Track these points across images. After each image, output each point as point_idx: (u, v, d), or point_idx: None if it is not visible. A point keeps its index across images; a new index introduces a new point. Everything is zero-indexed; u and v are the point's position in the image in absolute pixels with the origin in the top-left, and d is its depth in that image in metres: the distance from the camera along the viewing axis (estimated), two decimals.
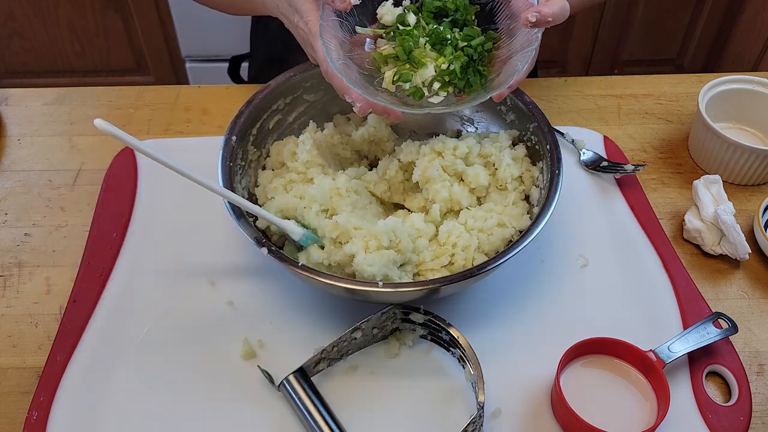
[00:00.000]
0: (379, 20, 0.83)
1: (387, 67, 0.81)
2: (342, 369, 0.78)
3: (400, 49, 0.80)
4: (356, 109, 0.78)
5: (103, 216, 0.92)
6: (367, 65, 0.82)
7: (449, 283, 0.73)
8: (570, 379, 0.74)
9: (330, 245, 0.78)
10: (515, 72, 0.76)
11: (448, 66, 0.79)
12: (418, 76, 0.80)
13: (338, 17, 0.80)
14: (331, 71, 0.78)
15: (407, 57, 0.80)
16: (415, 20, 0.82)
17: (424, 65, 0.80)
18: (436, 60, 0.80)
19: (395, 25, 0.82)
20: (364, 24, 0.84)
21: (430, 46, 0.80)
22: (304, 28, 0.81)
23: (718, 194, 0.91)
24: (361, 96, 0.77)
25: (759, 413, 0.76)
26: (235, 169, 0.84)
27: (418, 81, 0.80)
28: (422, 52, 0.80)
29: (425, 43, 0.80)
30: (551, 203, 0.79)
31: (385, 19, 0.83)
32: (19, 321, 0.83)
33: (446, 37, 0.80)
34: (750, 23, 2.00)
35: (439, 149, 0.88)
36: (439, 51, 0.80)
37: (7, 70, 2.18)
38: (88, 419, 0.73)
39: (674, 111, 1.11)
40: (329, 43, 0.77)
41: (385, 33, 0.82)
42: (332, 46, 0.78)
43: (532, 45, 0.76)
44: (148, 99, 1.11)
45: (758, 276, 0.89)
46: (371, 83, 0.80)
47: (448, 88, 0.80)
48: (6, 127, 1.06)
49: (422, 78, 0.80)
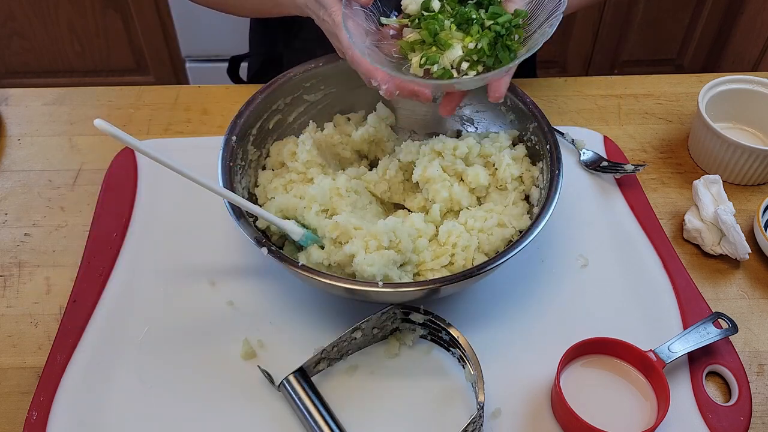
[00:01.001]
0: (403, 10, 0.83)
1: (413, 54, 0.80)
2: (342, 369, 0.78)
3: (426, 32, 0.79)
4: (383, 92, 0.77)
5: (103, 216, 0.92)
6: (395, 54, 0.81)
7: (449, 283, 0.73)
8: (570, 379, 0.74)
9: (330, 245, 0.78)
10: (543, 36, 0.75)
11: (476, 45, 0.78)
12: (446, 58, 0.78)
13: (363, 8, 0.81)
14: (356, 56, 0.78)
15: (433, 40, 0.79)
16: (440, 6, 0.81)
17: (450, 46, 0.78)
18: (463, 40, 0.79)
19: (420, 13, 0.81)
20: (389, 16, 0.84)
21: (456, 27, 0.79)
22: (329, 20, 0.82)
23: (718, 194, 0.91)
24: (387, 76, 0.76)
25: (759, 413, 0.76)
26: (235, 169, 0.84)
27: (446, 62, 0.78)
28: (448, 34, 0.79)
29: (450, 24, 0.80)
30: (551, 203, 0.79)
31: (410, 9, 0.82)
32: (19, 321, 0.83)
33: (471, 17, 0.79)
34: (750, 23, 2.00)
35: (439, 149, 0.88)
36: (465, 31, 0.79)
37: (7, 70, 2.18)
38: (88, 419, 0.73)
39: (674, 111, 1.11)
40: (354, 30, 0.78)
41: (410, 21, 0.82)
42: (356, 32, 0.78)
43: (560, 9, 0.76)
44: (148, 99, 1.11)
45: (758, 276, 0.89)
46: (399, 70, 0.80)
47: (477, 66, 0.79)
48: (6, 127, 1.06)
49: (450, 59, 0.78)
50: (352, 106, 0.97)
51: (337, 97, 0.96)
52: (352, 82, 0.95)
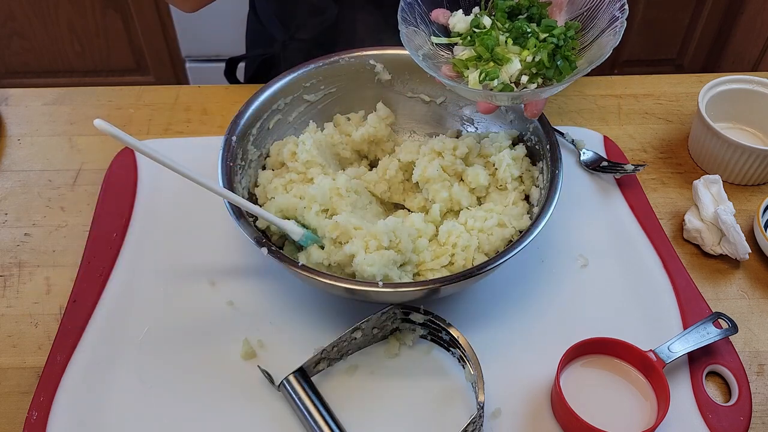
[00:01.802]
0: (451, 30, 0.83)
1: (469, 71, 0.80)
2: (342, 369, 0.78)
3: (482, 48, 0.79)
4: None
5: (103, 216, 0.92)
6: (447, 74, 0.81)
7: (449, 283, 0.73)
8: (570, 379, 0.74)
9: (330, 245, 0.78)
10: (608, 44, 0.75)
11: (533, 58, 0.78)
12: (505, 72, 0.78)
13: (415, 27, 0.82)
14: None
15: (490, 55, 0.79)
16: (490, 22, 0.81)
17: (509, 60, 0.78)
18: (520, 54, 0.79)
19: (470, 30, 0.81)
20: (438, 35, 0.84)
21: (512, 41, 0.79)
22: None
23: (718, 194, 0.91)
24: None
25: (759, 413, 0.76)
26: (235, 169, 0.84)
27: (505, 77, 0.78)
28: (504, 49, 0.79)
29: (506, 39, 0.79)
30: (551, 203, 0.79)
31: (458, 27, 0.82)
32: (19, 321, 0.83)
33: (526, 30, 0.79)
34: (750, 23, 2.00)
35: (439, 149, 0.88)
36: (521, 45, 0.79)
37: (7, 70, 2.18)
38: (88, 419, 0.73)
39: (674, 111, 1.11)
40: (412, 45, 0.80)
41: (461, 39, 0.82)
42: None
43: (623, 16, 0.75)
44: (148, 99, 1.11)
45: (758, 276, 0.89)
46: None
47: (537, 79, 0.78)
48: (6, 127, 1.06)
49: (509, 74, 0.78)
50: (352, 106, 0.97)
51: (337, 97, 0.96)
52: (352, 82, 0.95)
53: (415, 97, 0.98)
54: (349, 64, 0.94)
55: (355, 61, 0.94)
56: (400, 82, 0.96)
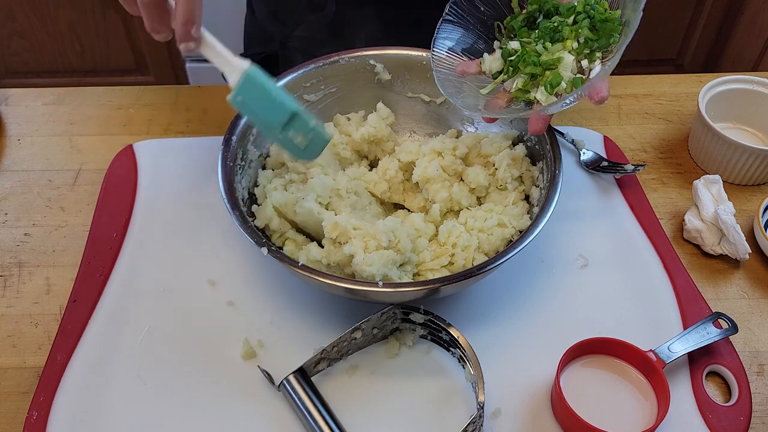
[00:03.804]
0: (487, 74, 0.83)
1: (533, 92, 0.79)
2: (342, 369, 0.78)
3: (531, 66, 0.78)
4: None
5: (103, 216, 0.92)
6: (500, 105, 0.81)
7: (449, 283, 0.73)
8: (570, 379, 0.74)
9: (329, 245, 0.78)
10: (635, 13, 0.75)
11: (578, 41, 0.78)
12: (563, 71, 0.78)
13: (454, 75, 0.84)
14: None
15: (542, 68, 0.78)
16: (518, 43, 0.81)
17: (560, 59, 0.78)
18: (564, 46, 0.78)
19: (506, 61, 0.81)
20: None
21: (550, 43, 0.79)
22: None
23: (718, 194, 0.91)
24: None
25: (759, 413, 0.76)
26: (235, 169, 0.84)
27: (568, 74, 0.78)
28: (548, 54, 0.79)
29: (543, 45, 0.79)
30: (551, 203, 0.79)
31: (493, 68, 0.83)
32: (19, 321, 0.83)
33: (554, 25, 0.78)
34: (750, 23, 2.00)
35: (439, 149, 0.88)
36: (560, 39, 0.79)
37: (7, 70, 2.18)
38: (88, 419, 0.73)
39: (674, 111, 1.11)
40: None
41: (505, 75, 0.82)
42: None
43: None
44: (148, 99, 1.11)
45: (758, 276, 0.89)
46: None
47: (595, 55, 0.78)
48: (6, 127, 1.06)
49: (568, 69, 0.78)
50: (352, 106, 0.97)
51: (337, 97, 0.96)
52: (352, 82, 0.95)
53: (415, 97, 0.98)
54: (349, 64, 0.94)
55: (355, 61, 0.94)
56: (400, 82, 0.96)
